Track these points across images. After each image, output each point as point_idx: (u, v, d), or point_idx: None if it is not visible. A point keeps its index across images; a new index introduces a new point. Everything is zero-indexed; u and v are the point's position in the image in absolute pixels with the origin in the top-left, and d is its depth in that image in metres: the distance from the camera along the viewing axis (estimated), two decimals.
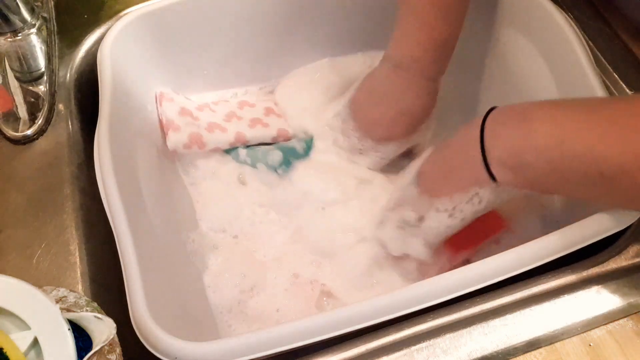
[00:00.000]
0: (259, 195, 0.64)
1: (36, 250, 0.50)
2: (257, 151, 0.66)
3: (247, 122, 0.67)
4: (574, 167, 0.40)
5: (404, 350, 0.44)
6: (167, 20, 0.62)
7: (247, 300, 0.57)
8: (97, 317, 0.37)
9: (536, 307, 0.45)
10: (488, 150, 0.45)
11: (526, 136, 0.43)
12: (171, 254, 0.56)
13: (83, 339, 0.36)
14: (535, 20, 0.58)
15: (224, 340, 0.42)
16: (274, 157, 0.64)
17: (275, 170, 0.65)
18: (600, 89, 0.51)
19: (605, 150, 0.38)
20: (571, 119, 0.41)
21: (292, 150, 0.66)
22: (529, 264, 0.43)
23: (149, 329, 0.42)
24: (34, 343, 0.34)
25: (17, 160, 0.55)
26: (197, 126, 0.64)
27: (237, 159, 0.66)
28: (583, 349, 0.43)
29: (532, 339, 0.44)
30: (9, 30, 0.61)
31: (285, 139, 0.68)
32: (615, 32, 0.60)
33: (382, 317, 0.42)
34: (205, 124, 0.65)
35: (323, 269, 0.59)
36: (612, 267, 0.47)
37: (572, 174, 0.41)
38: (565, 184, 0.43)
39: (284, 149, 0.65)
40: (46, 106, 0.58)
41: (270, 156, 0.65)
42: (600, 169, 0.39)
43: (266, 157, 0.65)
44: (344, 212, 0.62)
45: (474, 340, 0.44)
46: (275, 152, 0.65)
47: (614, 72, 0.57)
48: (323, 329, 0.42)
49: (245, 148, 0.66)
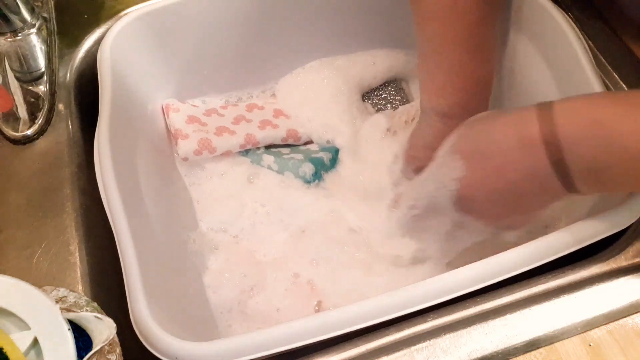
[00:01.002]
0: (260, 196, 0.64)
1: (36, 250, 0.50)
2: (286, 160, 0.65)
3: (256, 123, 0.67)
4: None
5: (404, 350, 0.44)
6: (167, 20, 0.62)
7: (247, 300, 0.57)
8: (97, 317, 0.37)
9: (536, 307, 0.45)
10: (568, 168, 0.40)
11: (608, 143, 0.38)
12: (171, 254, 0.56)
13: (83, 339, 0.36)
14: (535, 20, 0.58)
15: (224, 340, 0.42)
16: (306, 169, 0.64)
17: (308, 181, 0.65)
18: (600, 89, 0.51)
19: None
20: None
21: (321, 161, 0.66)
22: (530, 263, 0.43)
23: (149, 329, 0.42)
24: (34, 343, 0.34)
25: (17, 160, 0.55)
26: (206, 131, 0.64)
27: (258, 163, 0.66)
28: (583, 349, 0.43)
29: (532, 339, 0.44)
30: (9, 30, 0.61)
31: (295, 139, 0.68)
32: (615, 32, 0.60)
33: (382, 317, 0.42)
34: (213, 128, 0.65)
35: (323, 269, 0.59)
36: (612, 267, 0.47)
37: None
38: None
39: (314, 162, 0.65)
40: (46, 106, 0.58)
41: (301, 168, 0.64)
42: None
43: (297, 169, 0.65)
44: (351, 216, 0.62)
45: (474, 340, 0.44)
46: (307, 164, 0.65)
47: (614, 72, 0.57)
48: (323, 329, 0.42)
49: (271, 154, 0.66)
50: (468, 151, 0.45)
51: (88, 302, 0.42)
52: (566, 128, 0.39)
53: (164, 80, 0.66)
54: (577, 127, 0.39)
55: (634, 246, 0.48)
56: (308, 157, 0.66)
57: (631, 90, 0.52)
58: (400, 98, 0.73)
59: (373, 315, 0.42)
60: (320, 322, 0.42)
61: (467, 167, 0.44)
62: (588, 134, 0.38)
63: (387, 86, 0.74)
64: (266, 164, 0.66)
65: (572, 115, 0.39)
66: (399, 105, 0.73)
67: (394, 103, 0.73)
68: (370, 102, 0.73)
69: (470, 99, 0.52)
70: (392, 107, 0.73)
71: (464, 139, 0.46)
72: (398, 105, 0.73)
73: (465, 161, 0.45)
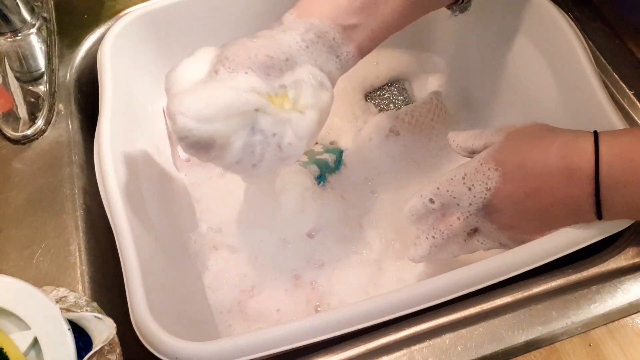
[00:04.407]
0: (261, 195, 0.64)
1: (36, 250, 0.50)
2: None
3: None
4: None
5: (404, 350, 0.44)
6: (167, 20, 0.62)
7: (247, 300, 0.57)
8: (97, 317, 0.37)
9: (536, 307, 0.45)
10: (606, 202, 0.41)
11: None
12: (171, 253, 0.56)
13: (83, 339, 0.36)
14: (535, 20, 0.58)
15: (224, 340, 0.42)
16: (310, 171, 0.64)
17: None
18: (600, 89, 0.51)
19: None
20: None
21: (326, 164, 0.65)
22: (529, 264, 0.43)
23: (149, 329, 0.42)
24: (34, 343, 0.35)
25: (17, 160, 0.55)
26: None
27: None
28: (583, 349, 0.43)
29: (532, 339, 0.44)
30: (9, 30, 0.61)
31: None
32: (615, 32, 0.60)
33: (382, 317, 0.42)
34: None
35: (324, 269, 0.59)
36: (612, 267, 0.47)
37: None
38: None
39: (319, 164, 0.65)
40: (46, 106, 0.58)
41: (306, 170, 0.64)
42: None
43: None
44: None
45: (474, 340, 0.44)
46: (312, 166, 0.64)
47: (614, 72, 0.57)
48: (323, 329, 0.42)
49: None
50: (510, 165, 0.45)
51: (88, 302, 0.42)
52: (614, 169, 0.40)
53: (164, 81, 0.66)
54: (625, 169, 0.40)
55: (634, 246, 0.48)
56: (312, 159, 0.66)
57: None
58: (403, 98, 0.74)
59: (373, 316, 0.42)
60: (320, 322, 0.42)
61: (504, 179, 0.44)
62: (635, 177, 0.40)
63: (389, 86, 0.74)
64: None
65: (621, 154, 0.40)
66: (401, 105, 0.73)
67: (396, 103, 0.73)
68: (373, 102, 0.73)
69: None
70: (395, 107, 0.73)
71: (508, 151, 0.45)
72: (401, 106, 0.73)
73: (505, 173, 0.44)
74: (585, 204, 0.42)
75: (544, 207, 0.43)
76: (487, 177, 0.45)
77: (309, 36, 0.47)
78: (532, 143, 0.44)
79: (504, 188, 0.44)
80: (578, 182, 0.41)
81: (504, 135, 0.47)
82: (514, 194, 0.44)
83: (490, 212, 0.45)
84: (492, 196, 0.45)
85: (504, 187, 0.44)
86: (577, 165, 0.41)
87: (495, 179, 0.45)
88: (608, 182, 0.40)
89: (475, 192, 0.45)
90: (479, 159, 0.46)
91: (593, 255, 0.48)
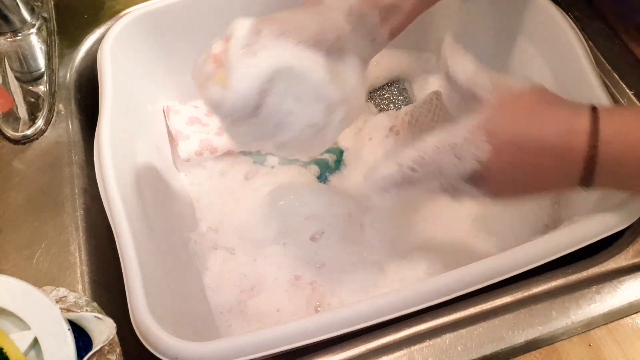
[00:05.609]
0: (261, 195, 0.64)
1: (36, 250, 0.50)
2: (291, 162, 0.65)
3: None
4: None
5: (404, 350, 0.44)
6: (167, 20, 0.62)
7: (247, 300, 0.57)
8: (97, 317, 0.37)
9: (536, 307, 0.45)
10: (596, 175, 0.41)
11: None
12: (171, 253, 0.56)
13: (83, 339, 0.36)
14: (535, 20, 0.58)
15: (224, 340, 0.42)
16: (311, 171, 0.64)
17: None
18: (600, 89, 0.51)
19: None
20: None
21: (326, 163, 0.66)
22: (530, 263, 0.43)
23: (149, 329, 0.42)
24: (34, 343, 0.34)
25: (17, 160, 0.55)
26: (207, 132, 0.65)
27: (262, 163, 0.66)
28: (583, 349, 0.43)
29: (532, 339, 0.44)
30: (9, 30, 0.61)
31: None
32: (615, 32, 0.60)
33: (382, 317, 0.42)
34: (214, 129, 0.65)
35: (324, 269, 0.59)
36: (612, 267, 0.47)
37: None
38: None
39: (319, 163, 0.65)
40: (46, 106, 0.58)
41: (306, 170, 0.65)
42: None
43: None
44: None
45: (474, 340, 0.44)
46: (312, 166, 0.65)
47: (614, 72, 0.57)
48: (323, 329, 0.42)
49: (275, 157, 0.66)
50: (503, 137, 0.43)
51: (88, 302, 0.42)
52: (612, 148, 0.40)
53: (164, 80, 0.66)
54: (623, 148, 0.40)
55: (634, 246, 0.48)
56: (313, 158, 0.66)
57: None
58: (403, 98, 0.74)
59: (373, 316, 0.42)
60: (320, 322, 0.42)
61: (496, 151, 0.43)
62: (631, 156, 0.40)
63: (390, 86, 0.74)
64: (270, 164, 0.66)
65: (620, 134, 0.40)
66: (401, 105, 0.73)
67: (396, 103, 0.73)
68: (373, 102, 0.73)
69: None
70: (395, 107, 0.73)
71: (502, 122, 0.43)
72: (401, 106, 0.73)
73: (497, 145, 0.43)
74: (575, 178, 0.41)
75: (532, 180, 0.43)
76: (478, 148, 0.43)
77: (352, 18, 0.46)
78: (529, 118, 0.43)
79: (495, 160, 0.43)
80: (573, 163, 0.41)
81: (499, 99, 0.44)
82: (503, 166, 0.43)
83: (475, 181, 0.44)
84: (482, 168, 0.43)
85: (495, 159, 0.43)
86: (574, 145, 0.40)
87: (487, 151, 0.43)
88: (604, 160, 0.40)
89: (465, 163, 0.44)
90: (468, 127, 0.44)
91: (593, 255, 0.48)
